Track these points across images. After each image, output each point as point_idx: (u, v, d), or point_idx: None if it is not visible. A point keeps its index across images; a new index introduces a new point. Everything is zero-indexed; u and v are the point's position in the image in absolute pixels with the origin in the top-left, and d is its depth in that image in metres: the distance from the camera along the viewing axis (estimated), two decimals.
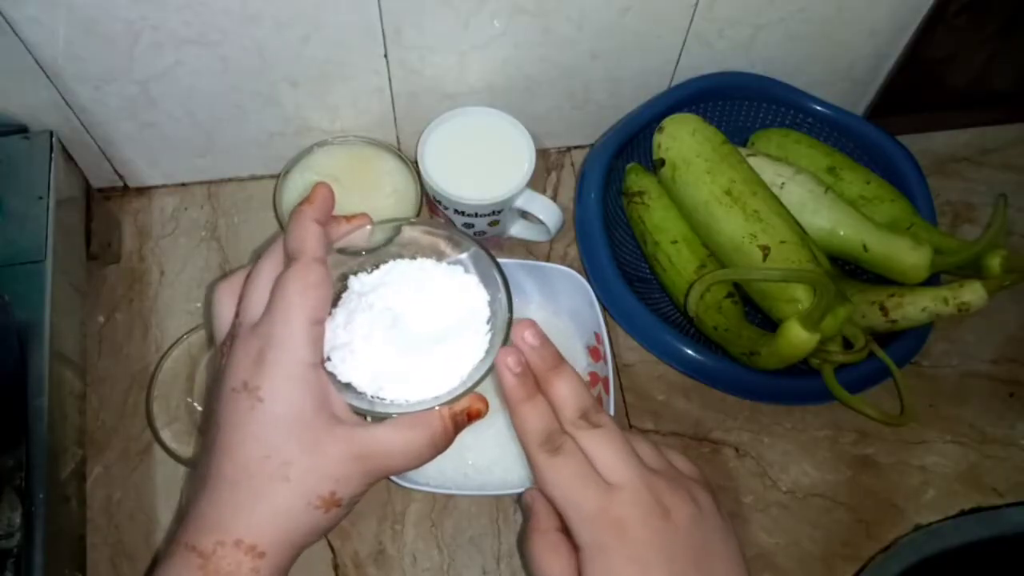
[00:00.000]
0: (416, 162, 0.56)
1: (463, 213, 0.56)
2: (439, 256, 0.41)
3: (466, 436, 0.52)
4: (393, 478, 0.48)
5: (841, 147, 0.61)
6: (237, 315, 0.38)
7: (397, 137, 0.63)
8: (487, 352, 0.38)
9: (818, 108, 0.61)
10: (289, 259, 0.37)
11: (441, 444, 0.38)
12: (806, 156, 0.60)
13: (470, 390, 0.38)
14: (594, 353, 0.55)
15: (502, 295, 0.39)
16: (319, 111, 0.58)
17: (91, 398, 0.56)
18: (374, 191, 0.58)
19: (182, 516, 0.36)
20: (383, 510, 0.53)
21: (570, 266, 0.56)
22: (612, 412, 0.50)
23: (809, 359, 0.51)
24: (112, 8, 0.48)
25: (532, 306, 0.57)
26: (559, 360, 0.39)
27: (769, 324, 0.52)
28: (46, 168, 0.54)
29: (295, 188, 0.57)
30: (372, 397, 0.38)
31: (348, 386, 0.37)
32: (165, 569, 0.34)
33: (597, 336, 0.54)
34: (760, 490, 0.55)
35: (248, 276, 0.38)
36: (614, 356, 0.54)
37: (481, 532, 0.53)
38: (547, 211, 0.56)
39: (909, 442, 0.56)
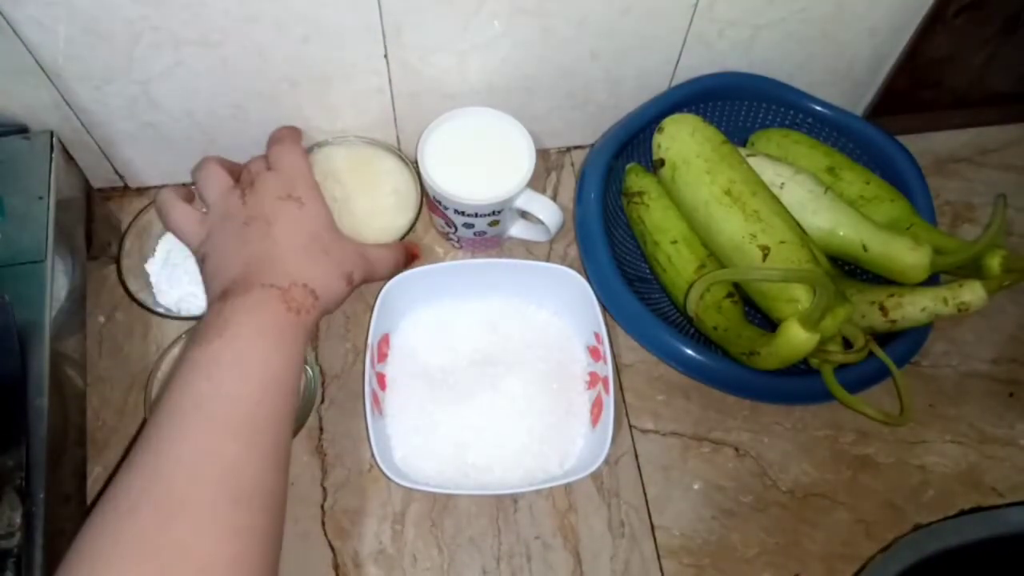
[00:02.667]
0: (416, 162, 0.56)
1: (463, 213, 0.56)
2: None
3: (466, 436, 0.53)
4: (393, 478, 0.48)
5: (841, 147, 0.61)
6: (247, 171, 0.53)
7: (397, 137, 0.63)
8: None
9: (818, 108, 0.61)
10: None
11: (401, 259, 0.56)
12: (806, 156, 0.60)
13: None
14: (594, 353, 0.55)
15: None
16: (319, 111, 0.59)
17: (91, 398, 0.56)
18: (374, 191, 0.59)
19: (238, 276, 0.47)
20: (383, 510, 0.53)
21: (570, 266, 0.56)
22: (612, 412, 0.50)
23: (809, 359, 0.51)
24: (112, 8, 0.48)
25: (532, 306, 0.57)
26: None
27: (769, 324, 0.52)
28: (46, 168, 0.54)
29: None
30: None
31: None
32: (243, 302, 0.45)
33: (597, 336, 0.54)
34: (760, 490, 0.55)
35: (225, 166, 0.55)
36: (614, 356, 0.54)
37: (481, 532, 0.53)
38: (547, 211, 0.56)
39: (909, 442, 0.57)
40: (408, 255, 0.57)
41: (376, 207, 0.58)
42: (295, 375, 0.46)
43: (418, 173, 0.56)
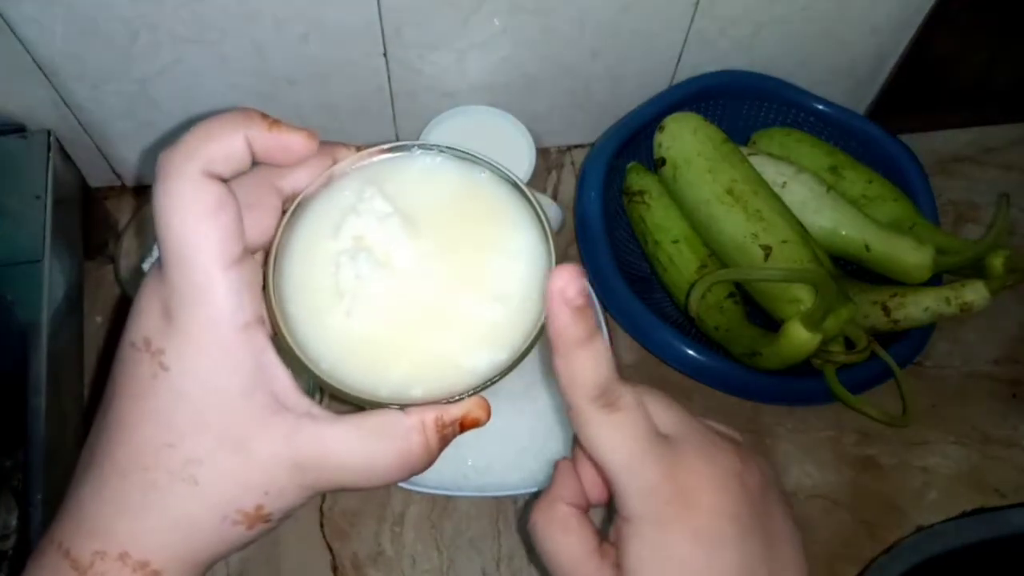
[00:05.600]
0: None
1: None
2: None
3: (465, 437, 0.52)
4: None
5: (843, 146, 0.61)
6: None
7: (396, 136, 0.63)
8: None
9: (820, 107, 0.61)
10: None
11: (417, 464, 0.27)
12: (808, 155, 0.59)
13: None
14: None
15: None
16: (318, 110, 0.58)
17: (89, 399, 0.55)
18: (472, 280, 0.30)
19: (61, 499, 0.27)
20: (382, 511, 0.53)
21: None
22: None
23: (811, 359, 0.50)
24: (110, 7, 0.48)
25: None
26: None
27: (771, 324, 0.52)
28: (44, 167, 0.54)
29: None
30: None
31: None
32: (35, 569, 0.26)
33: None
34: None
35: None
36: (615, 356, 0.53)
37: (481, 534, 0.52)
38: (547, 210, 0.56)
39: (911, 443, 0.56)
40: (435, 433, 0.27)
41: (456, 314, 0.28)
42: None
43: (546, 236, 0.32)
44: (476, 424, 0.28)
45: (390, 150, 0.29)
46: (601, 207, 0.56)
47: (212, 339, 0.25)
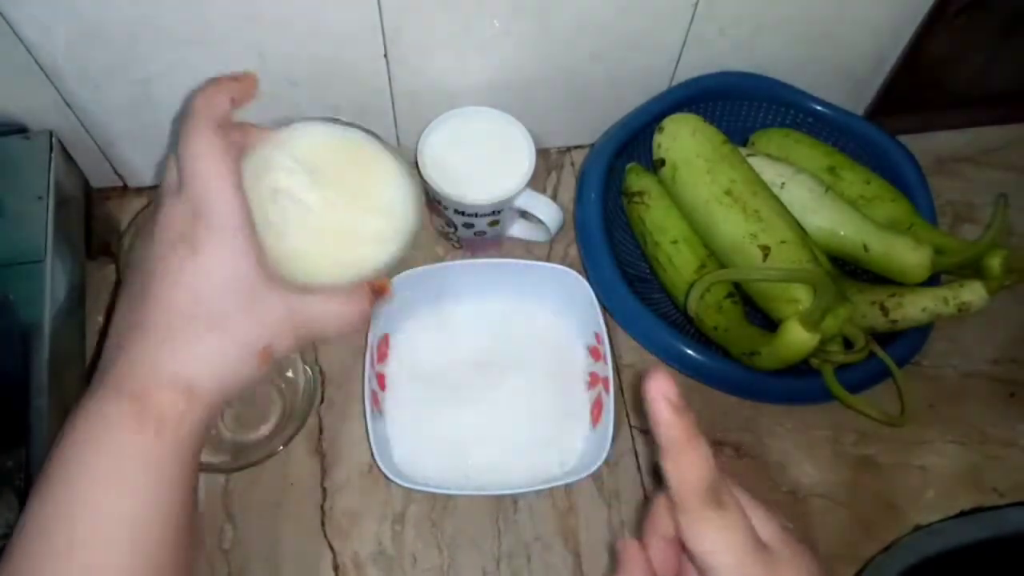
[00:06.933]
0: (416, 161, 0.55)
1: (463, 213, 0.56)
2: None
3: (466, 436, 0.53)
4: (393, 478, 0.48)
5: (841, 147, 0.61)
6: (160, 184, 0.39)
7: (397, 137, 0.63)
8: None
9: (818, 108, 0.61)
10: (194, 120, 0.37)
11: (365, 313, 0.40)
12: (806, 156, 0.60)
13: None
14: (594, 353, 0.55)
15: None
16: (319, 111, 0.58)
17: None
18: (355, 204, 0.42)
19: (102, 365, 0.35)
20: (383, 510, 0.53)
21: (570, 266, 0.56)
22: (612, 412, 0.50)
23: (809, 359, 0.51)
24: (112, 8, 0.48)
25: (532, 306, 0.57)
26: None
27: (769, 324, 0.52)
28: (46, 168, 0.54)
29: None
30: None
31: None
32: (85, 420, 0.34)
33: (597, 336, 0.54)
34: (760, 490, 0.54)
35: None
36: (614, 356, 0.54)
37: (481, 532, 0.53)
38: (547, 211, 0.56)
39: (909, 442, 0.56)
40: (372, 296, 0.41)
41: (351, 228, 0.40)
42: (165, 515, 0.34)
43: (421, 179, 0.52)
44: (386, 288, 0.41)
45: (292, 124, 0.41)
46: (601, 208, 0.56)
47: (231, 235, 0.35)
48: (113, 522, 0.33)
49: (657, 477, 0.33)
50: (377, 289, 0.41)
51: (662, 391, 0.31)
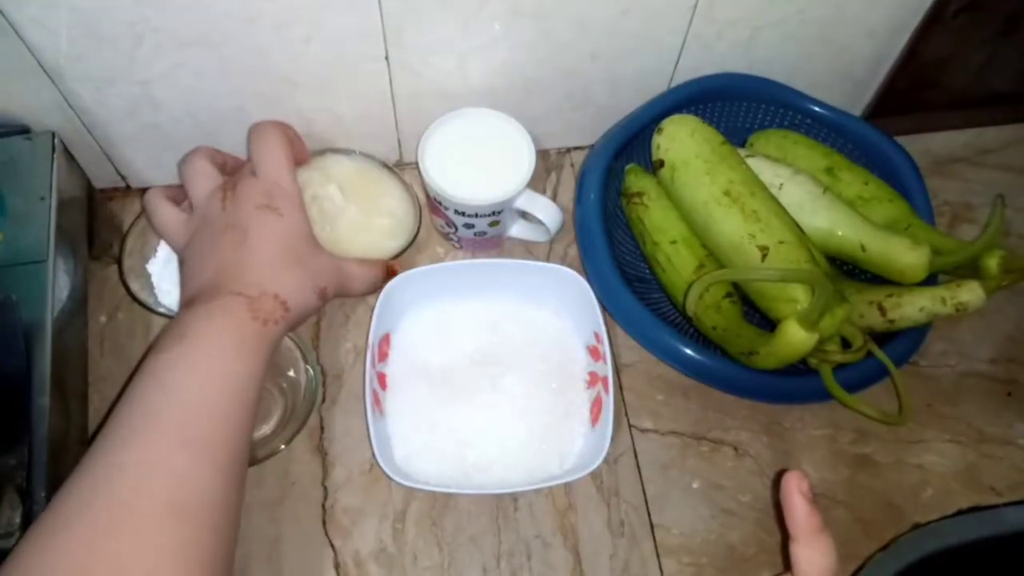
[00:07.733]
0: (417, 166, 0.56)
1: (463, 213, 0.56)
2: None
3: (467, 435, 0.53)
4: (394, 477, 0.48)
5: (839, 148, 0.61)
6: (230, 176, 0.52)
7: (398, 138, 0.63)
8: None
9: (816, 109, 0.61)
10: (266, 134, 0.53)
11: (380, 278, 0.55)
12: (804, 157, 0.60)
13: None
14: (594, 353, 0.55)
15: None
16: (320, 112, 0.59)
17: (93, 398, 0.56)
18: (371, 208, 0.58)
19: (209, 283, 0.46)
20: (384, 509, 0.53)
21: (570, 266, 0.56)
22: (612, 412, 0.51)
23: (807, 359, 0.51)
24: (114, 9, 0.48)
25: (532, 306, 0.58)
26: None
27: (768, 324, 0.53)
28: (48, 169, 0.54)
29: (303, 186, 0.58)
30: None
31: None
32: (207, 309, 0.44)
33: (597, 336, 0.54)
34: (759, 489, 0.55)
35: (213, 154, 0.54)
36: (614, 356, 0.54)
37: (481, 531, 0.53)
38: (547, 212, 0.57)
39: (907, 441, 0.57)
40: (387, 273, 0.55)
41: (368, 224, 0.57)
42: (255, 387, 0.44)
43: (422, 180, 0.56)
44: (396, 269, 0.56)
45: (324, 153, 0.59)
46: (600, 208, 0.56)
47: (301, 207, 0.51)
48: (215, 373, 0.42)
49: (786, 562, 0.38)
50: (389, 268, 0.56)
51: (798, 486, 0.36)
